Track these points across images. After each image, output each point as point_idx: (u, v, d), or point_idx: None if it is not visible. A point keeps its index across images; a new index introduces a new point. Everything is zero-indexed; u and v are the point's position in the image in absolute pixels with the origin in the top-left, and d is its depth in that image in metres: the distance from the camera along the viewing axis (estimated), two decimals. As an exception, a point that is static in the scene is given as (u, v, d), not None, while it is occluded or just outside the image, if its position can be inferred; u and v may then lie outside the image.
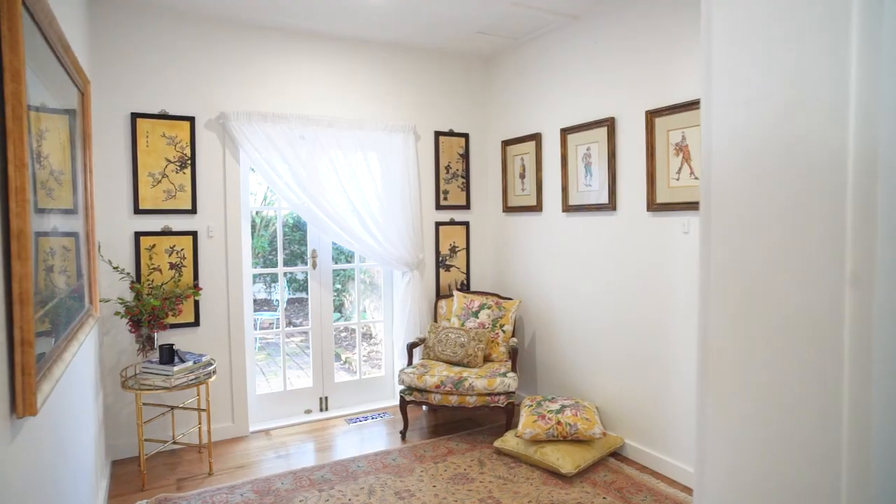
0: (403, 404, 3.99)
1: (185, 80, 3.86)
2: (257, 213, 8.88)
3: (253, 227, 9.18)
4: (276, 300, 8.28)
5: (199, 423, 3.71)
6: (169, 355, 3.34)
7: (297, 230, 7.94)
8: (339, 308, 8.54)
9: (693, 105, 3.10)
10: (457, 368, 3.98)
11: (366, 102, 4.50)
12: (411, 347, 4.22)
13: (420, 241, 4.67)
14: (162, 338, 3.67)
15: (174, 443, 3.65)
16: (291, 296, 8.69)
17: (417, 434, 4.14)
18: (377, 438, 4.08)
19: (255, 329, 7.80)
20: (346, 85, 4.43)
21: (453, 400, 3.85)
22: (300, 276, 8.38)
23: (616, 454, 3.70)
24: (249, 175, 4.29)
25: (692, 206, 3.15)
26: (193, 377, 3.37)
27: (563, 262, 4.21)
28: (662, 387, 3.43)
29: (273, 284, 8.31)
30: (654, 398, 3.49)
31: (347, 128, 4.35)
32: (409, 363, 4.21)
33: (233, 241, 4.04)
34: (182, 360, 3.40)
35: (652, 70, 3.40)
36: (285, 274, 8.66)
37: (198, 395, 3.71)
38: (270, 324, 8.10)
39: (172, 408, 3.63)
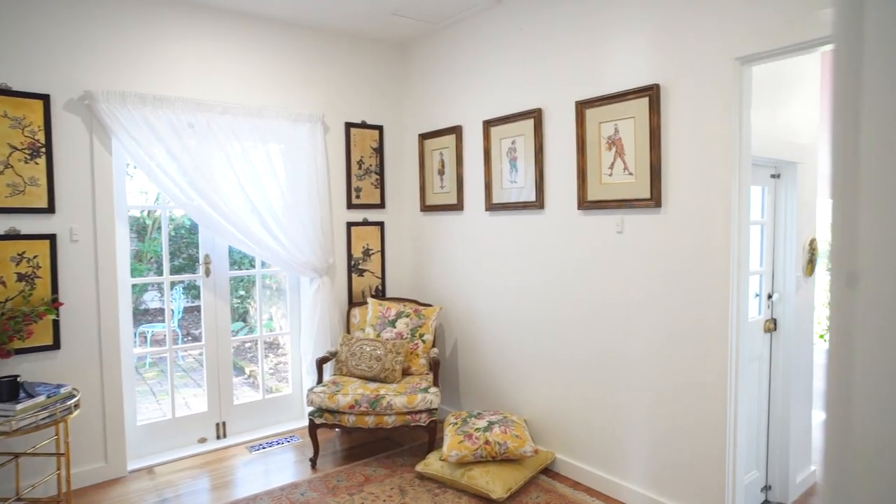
0: (313, 428, 3.46)
1: (39, 48, 3.10)
2: (149, 212, 7.90)
3: (144, 228, 8.20)
4: (171, 309, 7.38)
5: (59, 469, 2.98)
6: (10, 391, 2.62)
7: (194, 232, 7.11)
8: (242, 316, 7.77)
9: (627, 95, 2.83)
10: (373, 385, 3.51)
11: (267, 88, 3.92)
12: (321, 363, 3.69)
13: (330, 244, 4.14)
14: (5, 368, 2.92)
15: (18, 499, 2.89)
16: (190, 303, 7.80)
17: (330, 460, 3.62)
18: (284, 468, 3.52)
19: (147, 344, 6.91)
20: (245, 67, 3.82)
21: (370, 421, 3.37)
22: (199, 282, 7.54)
23: (547, 470, 3.38)
24: (133, 167, 3.58)
25: (626, 203, 2.88)
26: (46, 415, 2.67)
27: (488, 266, 3.85)
28: (596, 397, 3.15)
29: (170, 291, 7.39)
30: (587, 409, 3.20)
31: (245, 116, 3.75)
32: (319, 380, 3.68)
33: (105, 245, 3.33)
34: (30, 395, 2.68)
35: (582, 58, 3.11)
36: (181, 281, 7.85)
37: (56, 434, 2.98)
38: (164, 336, 7.19)
39: (17, 455, 2.87)
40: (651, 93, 2.71)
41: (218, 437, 3.90)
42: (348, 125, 4.28)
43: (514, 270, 3.64)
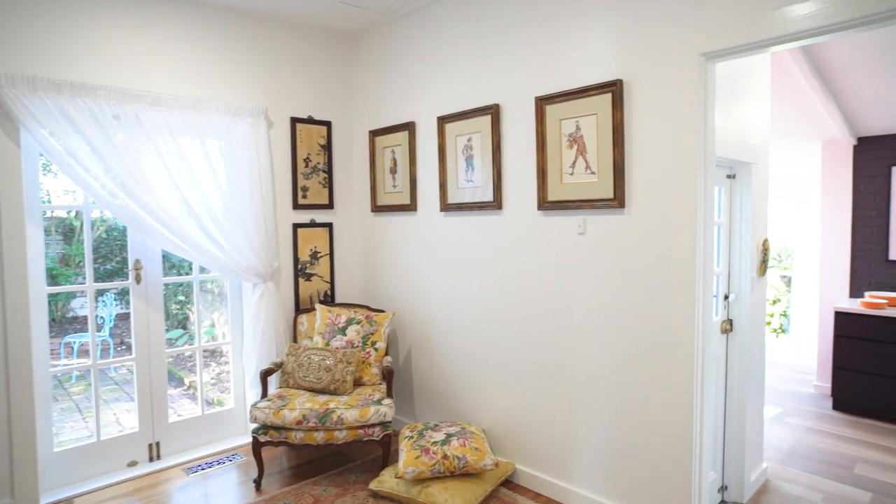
0: (257, 446, 3.16)
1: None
2: (76, 213, 7.27)
3: (72, 230, 7.55)
4: (101, 317, 6.81)
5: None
6: None
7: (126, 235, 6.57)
8: (182, 323, 7.27)
9: (589, 91, 2.69)
10: (322, 398, 3.24)
11: (205, 78, 3.57)
12: (266, 375, 3.38)
13: (274, 247, 3.83)
14: None
15: None
16: (124, 310, 7.23)
17: (276, 479, 3.32)
18: (225, 492, 3.19)
19: (74, 355, 6.33)
20: (179, 55, 3.46)
21: (319, 437, 3.10)
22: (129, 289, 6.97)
23: (508, 482, 3.21)
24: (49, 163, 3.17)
25: (589, 203, 2.74)
26: (-62, 448, 2.28)
27: (443, 269, 3.65)
28: (558, 404, 3.00)
29: (99, 298, 6.82)
30: (548, 417, 3.05)
31: (180, 108, 3.40)
32: (264, 394, 3.37)
33: (13, 251, 2.91)
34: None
35: (542, 52, 2.95)
36: (112, 288, 7.23)
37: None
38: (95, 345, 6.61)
39: None
40: (614, 88, 2.58)
41: (151, 460, 3.52)
42: (294, 120, 3.98)
43: (470, 274, 3.45)
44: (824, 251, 4.96)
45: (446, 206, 3.56)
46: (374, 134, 4.11)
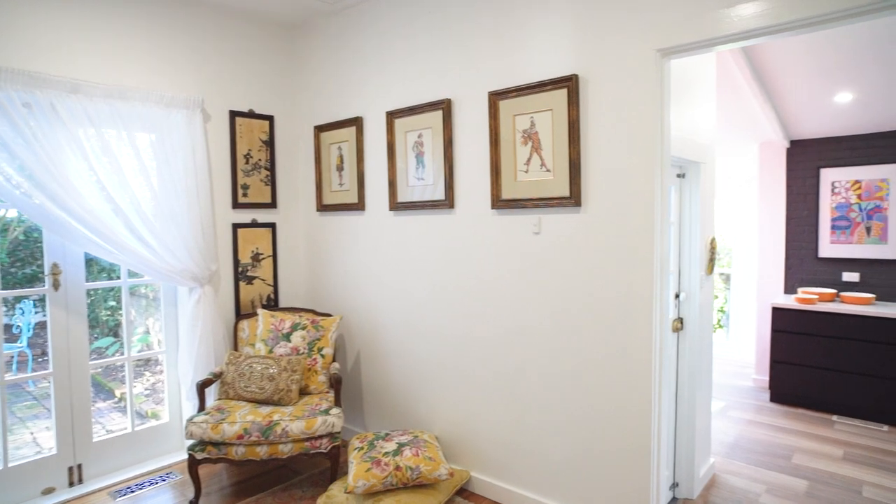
0: (194, 465, 2.89)
1: None
2: (-10, 214, 6.62)
3: (-15, 232, 6.87)
4: (18, 327, 6.22)
5: None
6: None
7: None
8: (114, 330, 6.74)
9: (544, 86, 2.60)
10: (265, 409, 3.01)
11: (134, 65, 3.26)
12: (203, 386, 3.11)
13: (212, 249, 3.56)
14: None
15: None
16: (45, 318, 6.63)
17: (215, 499, 3.06)
18: (156, 515, 2.92)
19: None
20: (103, 35, 3.13)
21: (262, 451, 2.87)
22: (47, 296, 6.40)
23: (463, 490, 3.08)
24: (-64, 157, 2.78)
25: (544, 202, 2.65)
26: None
27: (393, 270, 3.49)
28: (513, 408, 2.89)
29: (17, 306, 6.23)
30: (503, 422, 2.94)
31: (104, 97, 3.08)
32: (201, 407, 3.10)
33: None
34: None
35: (496, 45, 2.84)
36: (27, 296, 6.59)
37: None
38: (11, 357, 6.04)
39: None
40: (570, 84, 2.50)
41: (71, 485, 3.17)
42: (233, 114, 3.71)
43: (422, 275, 3.31)
44: (761, 249, 5.11)
45: (396, 206, 3.40)
46: (320, 129, 3.89)
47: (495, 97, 2.79)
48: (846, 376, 4.36)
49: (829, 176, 4.73)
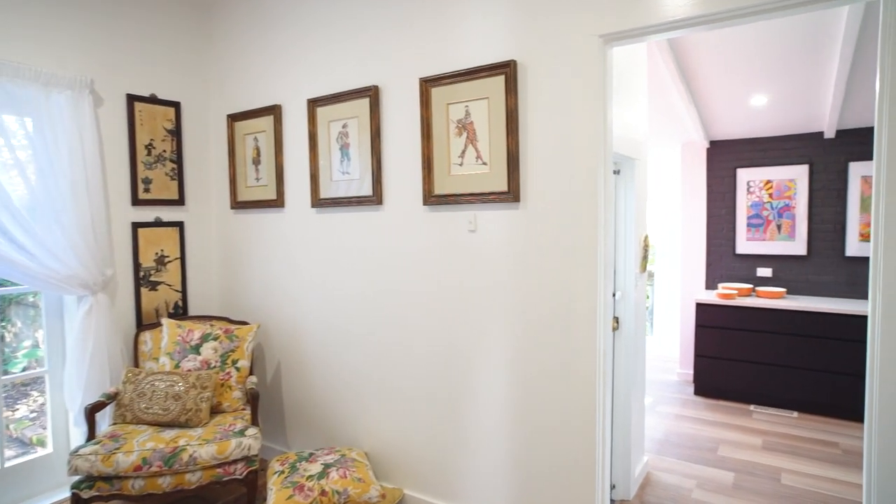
0: None
1: None
2: None
3: None
4: None
5: None
6: None
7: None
8: (-3, 344, 5.89)
9: (479, 72, 2.38)
10: (170, 433, 2.60)
11: (1, 33, 2.73)
12: (93, 411, 2.64)
13: (106, 251, 3.08)
14: None
15: None
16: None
17: (108, 539, 2.61)
18: (33, 565, 2.44)
19: None
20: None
21: (165, 483, 2.47)
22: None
23: (395, 509, 2.82)
24: None
25: (480, 197, 2.43)
26: None
27: (316, 273, 3.16)
28: (449, 420, 2.66)
29: None
30: (439, 435, 2.70)
31: (-38, 73, 2.55)
32: (91, 436, 2.63)
33: None
34: None
35: (427, 28, 2.59)
36: None
37: None
38: None
39: None
40: (507, 70, 2.29)
41: (-76, 535, 2.62)
42: (131, 98, 3.23)
43: (348, 277, 3.01)
44: (684, 246, 5.20)
45: (319, 202, 3.07)
46: (234, 118, 3.48)
47: (427, 84, 2.54)
48: (761, 367, 4.49)
49: (744, 176, 4.87)
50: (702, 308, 4.68)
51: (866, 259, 4.43)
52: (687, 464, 3.53)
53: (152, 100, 3.33)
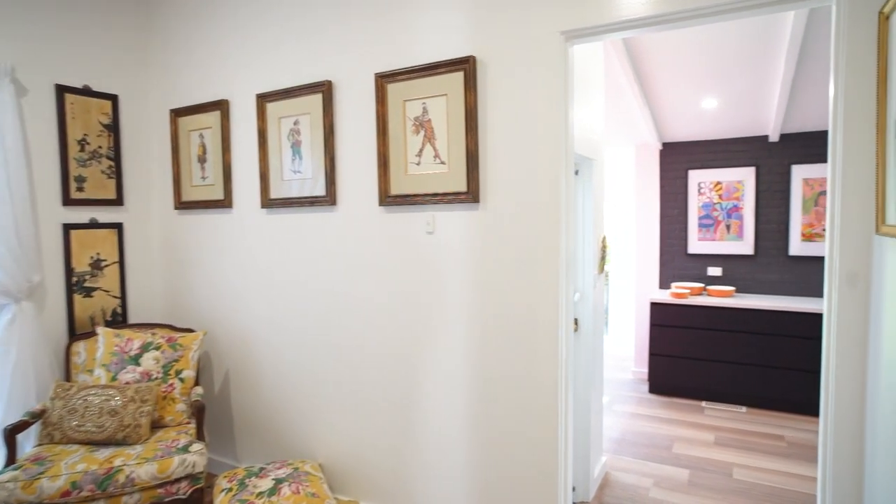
0: (-1, 533, 2.20)
1: None
2: None
3: None
4: None
5: None
6: None
7: None
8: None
9: (437, 68, 2.28)
10: (105, 452, 2.39)
11: None
12: (13, 432, 2.38)
13: (34, 255, 2.82)
14: None
15: None
16: None
17: (35, 570, 2.38)
18: None
19: None
20: None
21: (98, 507, 2.26)
22: None
23: (352, 523, 2.69)
24: None
25: (438, 197, 2.34)
26: None
27: (267, 277, 2.99)
28: (404, 427, 2.56)
29: None
30: (396, 444, 2.59)
31: None
32: (12, 460, 2.38)
33: None
34: None
35: (383, 21, 2.47)
36: None
37: None
38: None
39: None
40: (466, 66, 2.21)
41: None
42: (61, 89, 2.98)
43: (301, 281, 2.86)
44: (639, 247, 5.26)
45: (269, 202, 2.91)
46: (177, 114, 3.27)
47: (383, 80, 2.43)
48: (712, 364, 4.58)
49: (695, 177, 4.96)
50: (656, 307, 4.74)
51: (808, 258, 4.59)
52: (644, 462, 3.55)
53: (86, 91, 3.09)
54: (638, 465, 3.52)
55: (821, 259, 4.54)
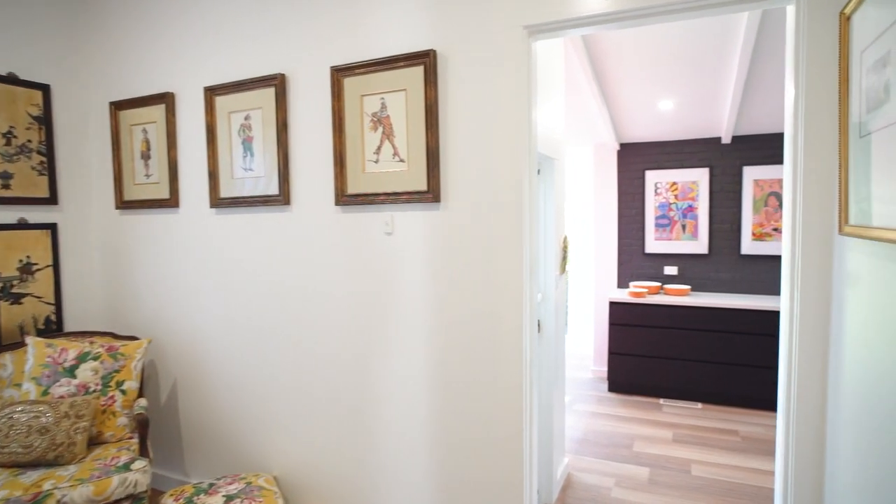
0: (-89, 568, 1.98)
1: None
2: None
3: None
4: None
5: None
6: None
7: None
8: None
9: (397, 62, 2.18)
10: (33, 475, 2.18)
11: None
12: (-70, 454, 2.17)
13: (-47, 259, 2.57)
14: None
15: None
16: None
17: None
18: None
19: None
20: None
21: (26, 535, 2.06)
22: None
23: (309, 538, 2.56)
24: None
25: (398, 197, 2.24)
26: None
27: (217, 280, 2.82)
28: (364, 435, 2.44)
29: None
30: (353, 453, 2.47)
31: None
32: (-73, 484, 2.16)
33: None
34: None
35: (340, 12, 2.35)
36: None
37: None
38: None
39: None
40: (426, 60, 2.12)
41: None
42: (-16, 79, 2.73)
43: (253, 285, 2.70)
44: (597, 246, 5.30)
45: (219, 202, 2.74)
46: (118, 107, 3.05)
47: (339, 73, 2.31)
48: (669, 362, 4.65)
49: (652, 177, 5.03)
50: (615, 306, 4.78)
51: (759, 257, 4.72)
52: (605, 462, 3.55)
53: (11, 80, 2.84)
54: (599, 464, 3.51)
55: (771, 258, 4.67)
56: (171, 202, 2.91)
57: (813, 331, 1.64)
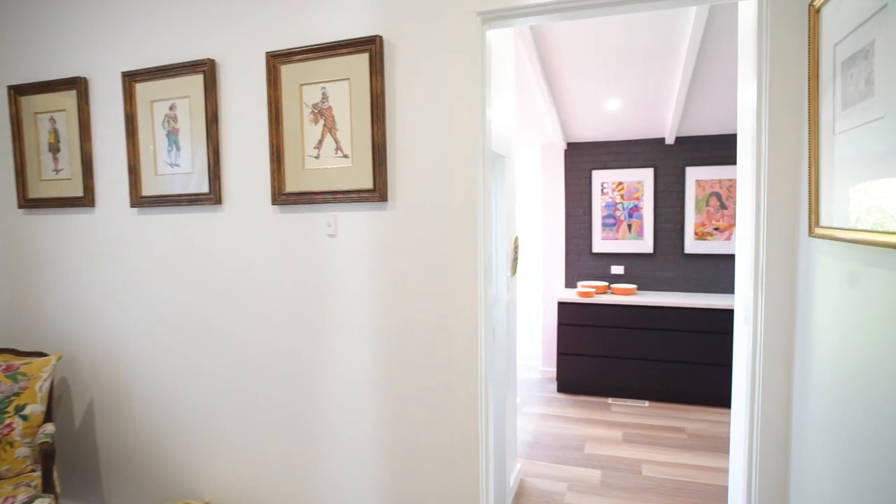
0: None
1: None
2: None
3: None
4: None
5: None
6: None
7: None
8: None
9: (340, 48, 1.99)
10: None
11: None
12: None
13: None
14: None
15: None
16: None
17: None
18: None
19: None
20: None
21: None
22: None
23: (245, 571, 2.32)
24: None
25: (341, 195, 2.05)
26: None
27: (139, 288, 2.53)
28: (306, 451, 2.24)
29: None
30: (295, 471, 2.26)
31: None
32: None
33: None
34: None
35: (272, -8, 2.14)
36: None
37: None
38: None
39: None
40: (372, 47, 1.94)
41: None
42: None
43: (181, 293, 2.43)
44: (545, 246, 5.26)
45: (140, 200, 2.45)
46: (19, 91, 2.69)
47: (276, 60, 2.09)
48: (617, 361, 4.66)
49: (599, 177, 5.04)
50: (563, 306, 4.74)
51: (701, 256, 4.81)
52: (557, 466, 3.48)
53: None
54: (552, 469, 3.44)
55: (712, 256, 4.77)
56: (86, 201, 2.59)
57: (777, 332, 1.59)
